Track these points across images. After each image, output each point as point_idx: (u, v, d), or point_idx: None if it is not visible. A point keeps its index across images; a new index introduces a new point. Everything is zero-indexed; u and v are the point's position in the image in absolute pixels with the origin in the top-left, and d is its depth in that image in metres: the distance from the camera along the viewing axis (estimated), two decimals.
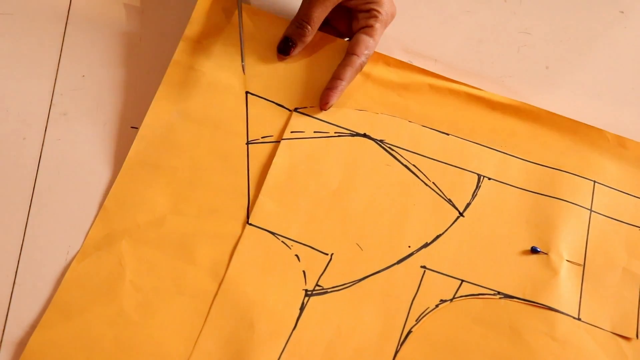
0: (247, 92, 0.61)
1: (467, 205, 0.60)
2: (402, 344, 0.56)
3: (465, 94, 0.64)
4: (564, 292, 0.58)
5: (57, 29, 0.63)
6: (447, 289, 0.58)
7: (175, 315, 0.54)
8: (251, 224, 0.57)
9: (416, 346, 0.56)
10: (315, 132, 0.61)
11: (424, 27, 0.69)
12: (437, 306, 0.57)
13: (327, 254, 0.57)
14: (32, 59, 0.62)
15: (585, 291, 0.59)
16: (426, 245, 0.59)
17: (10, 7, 0.63)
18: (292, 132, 0.61)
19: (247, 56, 0.62)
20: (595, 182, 0.62)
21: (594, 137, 0.64)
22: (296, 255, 0.57)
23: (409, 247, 0.58)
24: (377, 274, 0.57)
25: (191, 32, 0.62)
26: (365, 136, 0.62)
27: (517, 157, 0.63)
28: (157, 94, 0.60)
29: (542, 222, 0.60)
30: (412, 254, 0.58)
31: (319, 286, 0.56)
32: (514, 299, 0.58)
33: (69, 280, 0.54)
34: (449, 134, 0.63)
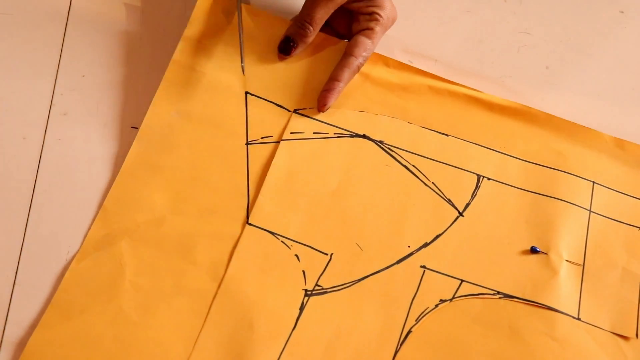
0: (247, 93, 0.61)
1: (467, 205, 0.60)
2: (401, 343, 0.56)
3: (464, 95, 0.64)
4: (564, 292, 0.58)
5: (57, 29, 0.63)
6: (447, 288, 0.58)
7: (174, 315, 0.54)
8: (251, 224, 0.57)
9: (416, 346, 0.56)
10: (314, 133, 0.61)
11: (424, 27, 0.69)
12: (436, 306, 0.57)
13: (326, 254, 0.58)
14: (32, 59, 0.62)
15: (584, 291, 0.59)
16: (426, 245, 0.59)
17: (10, 7, 0.63)
18: (291, 133, 0.61)
19: (246, 56, 0.62)
20: (594, 182, 0.62)
21: (591, 138, 0.64)
22: (296, 255, 0.57)
23: (409, 247, 0.59)
24: (377, 274, 0.57)
25: (191, 32, 0.62)
26: (364, 137, 0.62)
27: (516, 157, 0.63)
28: (157, 95, 0.60)
29: (542, 222, 0.60)
30: (411, 254, 0.58)
31: (319, 286, 0.56)
32: (514, 299, 0.58)
33: (69, 280, 0.54)
34: (448, 135, 0.63)
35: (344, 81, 0.61)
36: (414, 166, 0.61)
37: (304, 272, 0.57)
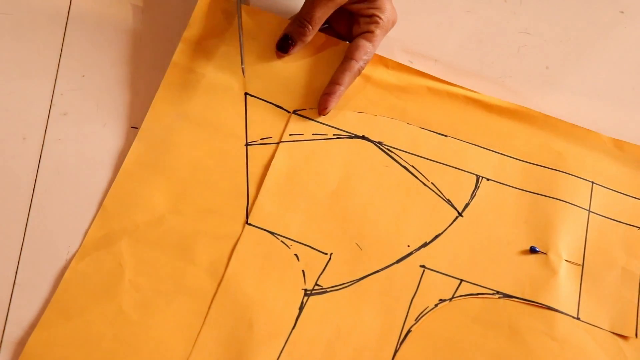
0: (246, 94, 0.61)
1: (466, 205, 0.60)
2: (401, 343, 0.56)
3: (463, 96, 0.64)
4: (563, 292, 0.58)
5: (57, 29, 0.63)
6: (447, 288, 0.58)
7: (174, 314, 0.54)
8: (250, 224, 0.58)
9: (415, 345, 0.56)
10: (314, 135, 0.61)
11: (424, 27, 0.69)
12: (436, 305, 0.57)
13: (326, 254, 0.58)
14: (32, 59, 0.62)
15: (584, 291, 0.59)
16: (425, 244, 0.59)
17: (10, 7, 0.63)
18: (290, 134, 0.61)
19: (246, 57, 0.62)
20: (593, 182, 0.62)
21: (590, 139, 0.64)
22: (295, 254, 0.57)
23: (408, 246, 0.59)
24: (377, 274, 0.58)
25: (190, 34, 0.62)
26: (364, 138, 0.62)
27: (515, 157, 0.63)
28: (157, 97, 0.60)
29: (541, 222, 0.60)
30: (411, 254, 0.58)
31: (318, 286, 0.57)
32: (513, 299, 0.58)
33: (69, 280, 0.54)
34: (447, 136, 0.63)
35: (345, 85, 0.61)
36: (413, 167, 0.61)
37: (303, 271, 0.57)
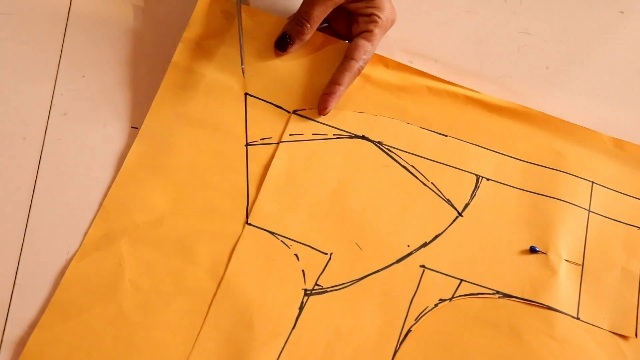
0: (246, 94, 0.62)
1: (466, 205, 0.60)
2: (401, 343, 0.56)
3: (463, 96, 0.64)
4: (563, 292, 0.58)
5: (57, 29, 0.63)
6: (446, 288, 0.58)
7: (174, 314, 0.54)
8: (250, 224, 0.58)
9: (415, 345, 0.56)
10: (314, 135, 0.61)
11: (424, 27, 0.69)
12: (436, 305, 0.57)
13: (326, 254, 0.58)
14: (32, 59, 0.62)
15: (584, 291, 0.59)
16: (425, 244, 0.59)
17: (10, 7, 0.63)
18: (290, 134, 0.61)
19: (246, 57, 0.62)
20: (593, 182, 0.62)
21: (590, 139, 0.64)
22: (295, 254, 0.57)
23: (408, 246, 0.59)
24: (377, 274, 0.58)
25: (190, 34, 0.62)
26: (364, 138, 0.62)
27: (515, 157, 0.63)
28: (157, 97, 0.60)
29: (541, 222, 0.60)
30: (411, 254, 0.58)
31: (318, 285, 0.57)
32: (513, 299, 0.58)
33: (69, 279, 0.54)
34: (447, 136, 0.63)
35: (345, 85, 0.61)
36: (413, 167, 0.61)
37: (303, 271, 0.57)
